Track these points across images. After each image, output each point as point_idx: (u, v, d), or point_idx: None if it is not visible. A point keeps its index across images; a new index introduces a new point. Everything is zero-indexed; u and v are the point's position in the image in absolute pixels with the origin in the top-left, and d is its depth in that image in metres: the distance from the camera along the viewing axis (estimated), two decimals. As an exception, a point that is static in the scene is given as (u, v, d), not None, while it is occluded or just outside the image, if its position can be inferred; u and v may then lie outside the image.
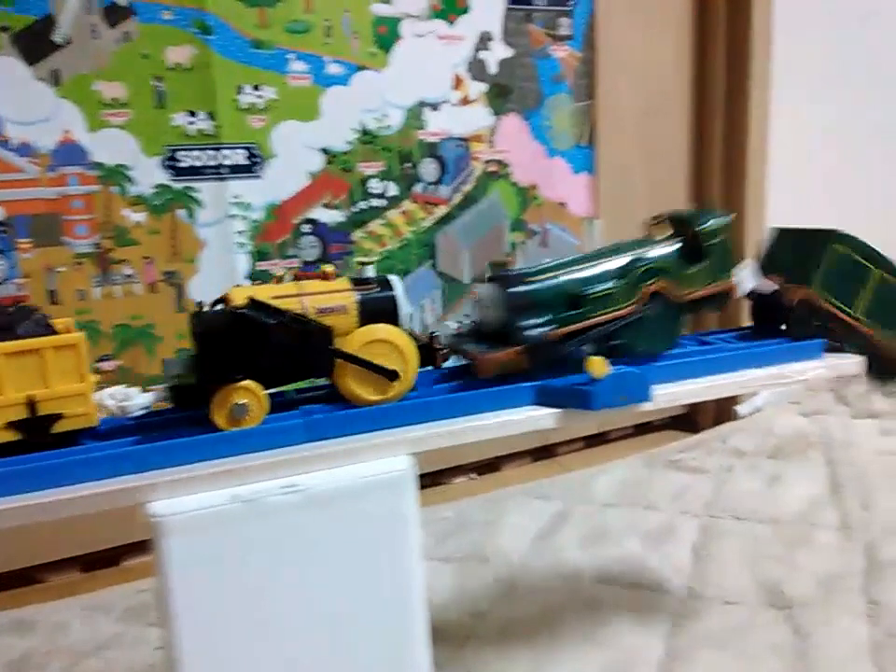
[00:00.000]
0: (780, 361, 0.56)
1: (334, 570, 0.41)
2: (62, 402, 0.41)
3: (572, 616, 0.75)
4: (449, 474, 1.12)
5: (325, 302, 0.46)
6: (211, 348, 0.43)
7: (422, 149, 0.99)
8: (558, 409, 0.48)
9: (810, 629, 0.71)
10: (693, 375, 0.52)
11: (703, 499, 0.98)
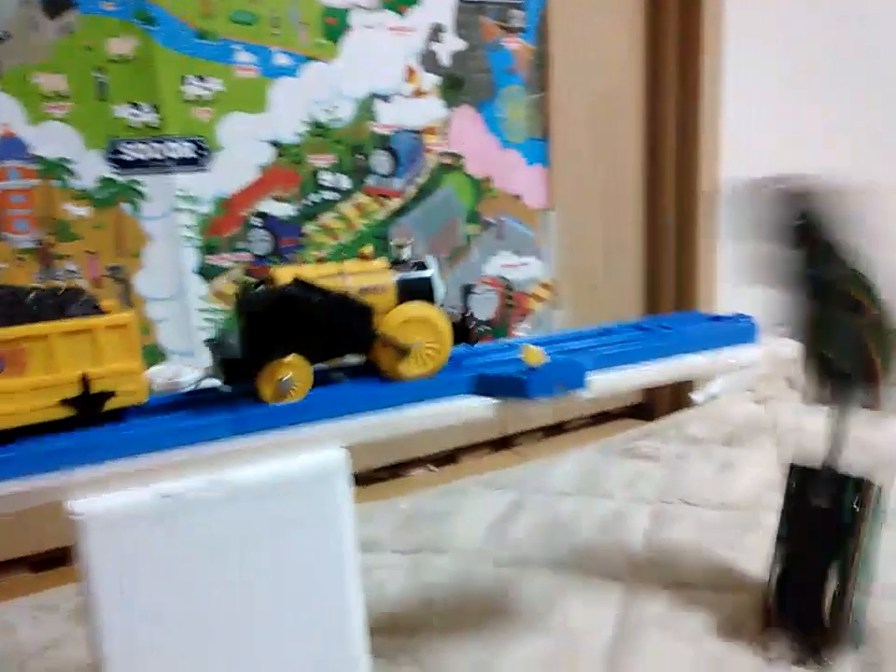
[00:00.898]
0: (718, 346, 0.56)
1: (264, 567, 0.41)
2: (114, 380, 0.43)
3: (524, 604, 0.76)
4: (407, 466, 1.12)
5: (366, 282, 0.49)
6: (259, 325, 0.45)
7: (374, 142, 0.99)
8: (494, 398, 0.48)
9: (750, 610, 0.72)
10: (629, 362, 0.53)
11: (656, 486, 0.99)
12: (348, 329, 0.48)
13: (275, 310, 0.45)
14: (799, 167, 1.38)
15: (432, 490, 1.02)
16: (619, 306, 1.24)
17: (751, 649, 0.66)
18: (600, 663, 0.66)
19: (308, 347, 0.47)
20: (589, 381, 0.49)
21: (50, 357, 0.41)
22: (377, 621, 0.74)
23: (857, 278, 0.58)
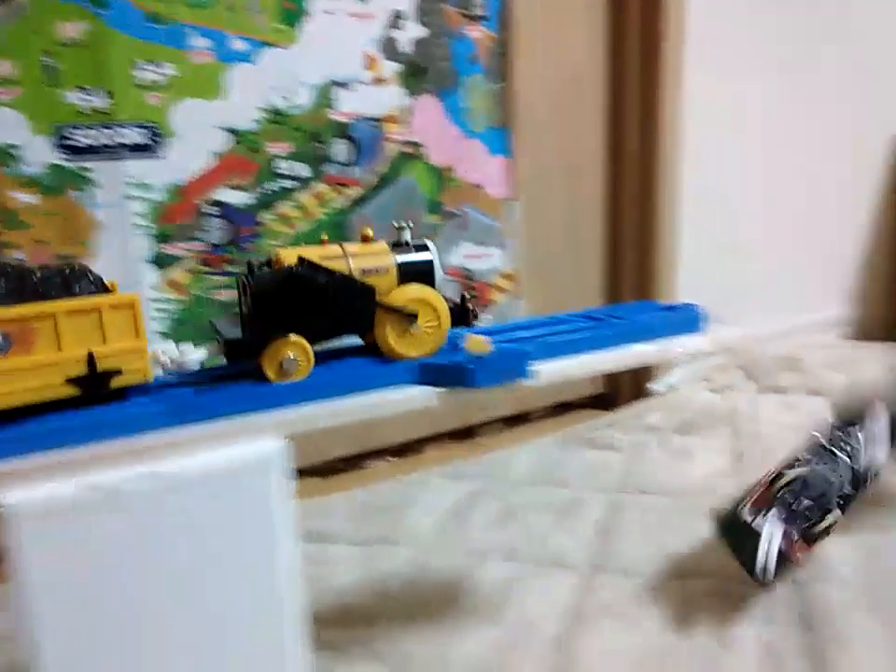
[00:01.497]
0: (664, 335, 0.57)
1: (197, 559, 0.40)
2: (119, 358, 0.43)
3: (479, 594, 0.76)
4: (367, 457, 1.12)
5: (368, 263, 0.50)
6: (265, 305, 0.46)
7: (333, 130, 0.98)
8: (440, 388, 0.48)
9: (701, 595, 0.73)
10: (575, 351, 0.53)
11: (613, 476, 1.00)
12: (351, 309, 0.49)
13: (282, 290, 0.47)
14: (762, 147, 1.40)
15: (391, 481, 1.02)
16: (581, 296, 1.25)
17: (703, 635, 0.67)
18: (553, 651, 0.67)
19: (311, 327, 0.48)
20: (535, 370, 0.49)
21: (57, 336, 0.41)
22: (332, 613, 0.74)
23: None
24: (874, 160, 1.56)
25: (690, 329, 0.58)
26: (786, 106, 1.40)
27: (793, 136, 1.43)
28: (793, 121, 1.42)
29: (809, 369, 1.30)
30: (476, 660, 0.66)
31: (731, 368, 1.33)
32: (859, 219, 1.58)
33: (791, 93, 1.41)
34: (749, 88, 1.35)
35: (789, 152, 1.43)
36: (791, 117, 1.41)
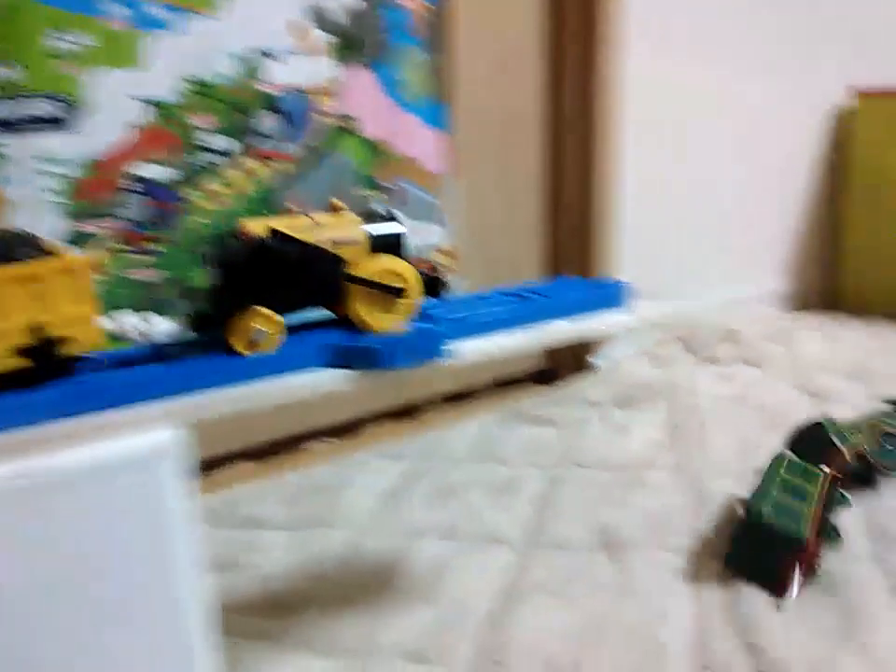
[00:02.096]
0: (586, 311, 0.56)
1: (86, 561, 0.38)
2: (68, 326, 0.41)
3: (413, 574, 0.76)
4: (304, 439, 1.10)
5: (338, 234, 0.49)
6: (233, 276, 0.46)
7: (261, 102, 0.94)
8: (349, 370, 0.47)
9: (634, 566, 0.74)
10: (493, 329, 0.52)
11: (552, 451, 1.00)
12: (321, 280, 0.48)
13: (251, 261, 0.46)
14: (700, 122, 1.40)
15: (327, 463, 1.01)
16: (521, 272, 1.25)
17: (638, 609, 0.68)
18: (484, 630, 0.67)
19: (281, 298, 0.47)
20: (450, 350, 0.48)
21: (0, 305, 0.39)
22: (261, 601, 0.73)
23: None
24: (810, 134, 1.58)
25: (614, 304, 0.58)
26: (724, 81, 1.41)
27: (731, 111, 1.44)
28: (731, 96, 1.43)
29: (747, 341, 1.32)
30: (408, 642, 0.66)
31: (671, 341, 1.35)
32: (796, 192, 1.61)
33: (728, 68, 1.41)
34: (687, 62, 1.35)
35: (726, 127, 1.43)
36: (729, 92, 1.42)
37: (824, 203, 1.64)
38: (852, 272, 1.62)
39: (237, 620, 0.70)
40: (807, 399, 1.13)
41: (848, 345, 1.34)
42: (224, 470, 1.03)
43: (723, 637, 0.64)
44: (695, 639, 0.64)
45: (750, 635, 0.64)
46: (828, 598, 0.68)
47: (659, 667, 0.61)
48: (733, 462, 0.94)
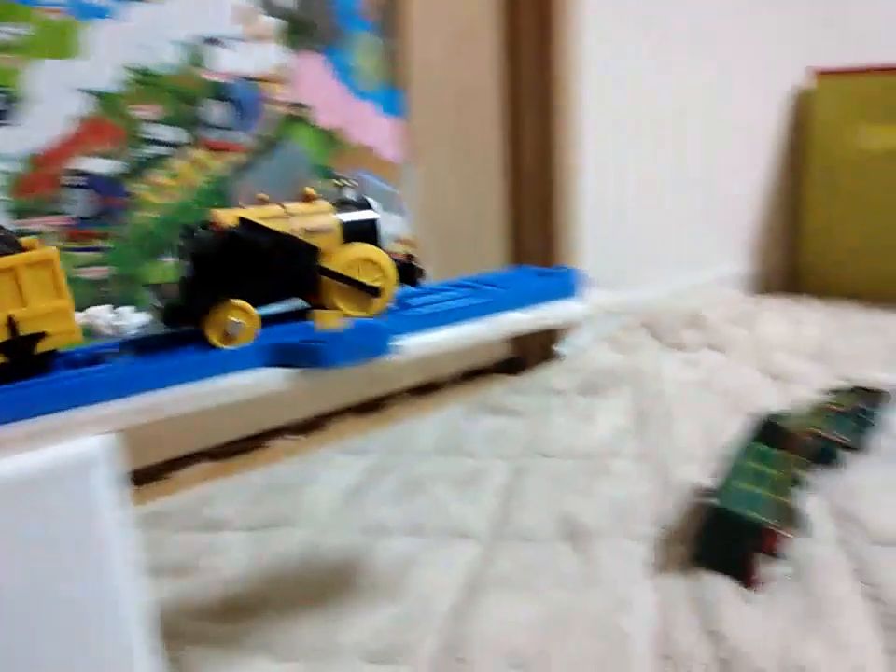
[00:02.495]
0: (539, 301, 0.55)
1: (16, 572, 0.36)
2: (43, 321, 0.40)
3: (376, 572, 0.74)
4: (267, 437, 1.08)
5: (311, 223, 0.48)
6: (205, 268, 0.45)
7: (208, 91, 0.91)
8: (290, 369, 0.45)
9: (598, 556, 0.73)
10: (442, 323, 0.50)
11: (516, 441, 0.99)
12: (295, 270, 0.47)
13: (223, 252, 0.45)
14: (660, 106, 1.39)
15: (289, 461, 0.99)
16: (483, 261, 1.23)
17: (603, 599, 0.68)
18: (448, 626, 0.66)
19: (255, 290, 0.46)
20: (397, 345, 0.47)
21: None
22: (218, 605, 0.71)
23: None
24: (771, 116, 1.59)
25: (567, 293, 0.56)
26: (683, 62, 1.40)
27: (691, 92, 1.43)
28: (691, 77, 1.42)
29: (711, 325, 1.32)
30: (369, 642, 0.64)
31: (636, 327, 1.34)
32: (758, 175, 1.61)
33: (688, 49, 1.41)
34: (646, 43, 1.34)
35: (687, 109, 1.43)
36: (688, 72, 1.41)
37: (785, 184, 1.65)
38: (811, 253, 1.63)
39: (193, 624, 0.68)
40: (771, 381, 1.14)
41: (810, 327, 1.35)
42: (184, 472, 1.01)
43: (686, 626, 0.63)
44: (658, 629, 0.64)
45: (713, 623, 0.63)
46: (792, 583, 0.68)
47: (621, 658, 0.61)
48: (698, 448, 0.94)
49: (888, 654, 0.59)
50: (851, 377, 1.07)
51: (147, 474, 0.99)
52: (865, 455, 0.89)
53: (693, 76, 1.42)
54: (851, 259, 1.55)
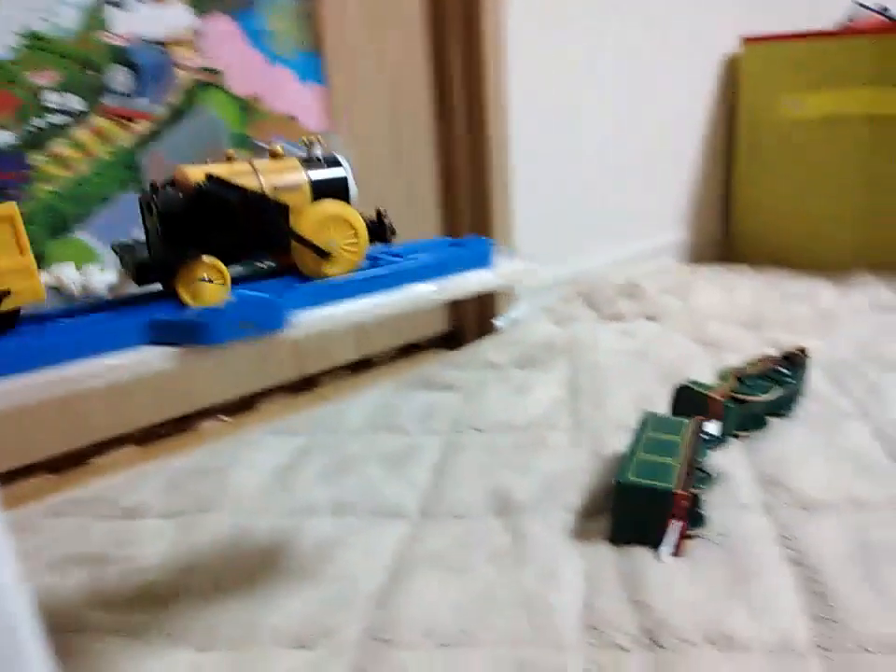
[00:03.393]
0: (448, 272, 0.53)
1: None
2: (6, 278, 0.39)
3: (299, 555, 0.72)
4: (196, 419, 1.04)
5: (280, 180, 0.48)
6: (173, 225, 0.44)
7: (110, 55, 0.85)
8: (173, 347, 0.42)
9: (527, 530, 0.72)
10: (340, 297, 0.48)
11: (450, 416, 0.98)
12: (265, 227, 0.47)
13: (191, 208, 0.44)
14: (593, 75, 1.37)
15: (216, 443, 0.95)
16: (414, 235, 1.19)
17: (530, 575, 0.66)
18: (373, 608, 0.64)
19: (224, 247, 0.45)
20: (289, 321, 0.44)
21: None
22: (135, 595, 0.67)
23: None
24: (704, 84, 1.58)
25: (478, 264, 0.54)
26: (614, 33, 1.38)
27: (623, 63, 1.41)
28: (623, 47, 1.40)
29: (647, 295, 1.32)
30: (290, 628, 0.62)
31: (573, 298, 1.33)
32: (692, 144, 1.61)
33: (619, 20, 1.38)
34: (575, 14, 1.31)
35: (620, 80, 1.41)
36: (620, 42, 1.39)
37: (718, 153, 1.65)
38: (743, 221, 1.65)
39: (109, 615, 0.65)
40: (704, 350, 1.14)
41: (743, 295, 1.36)
42: (107, 457, 0.97)
43: (611, 597, 0.63)
44: (585, 601, 0.63)
45: (639, 592, 0.63)
46: (716, 550, 0.68)
47: (548, 632, 0.60)
48: (631, 418, 0.93)
49: (811, 619, 0.59)
50: (781, 343, 1.08)
51: (67, 460, 0.94)
52: (790, 420, 0.90)
53: (624, 45, 1.40)
54: (781, 227, 1.56)
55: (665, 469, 0.68)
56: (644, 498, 0.66)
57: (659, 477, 0.67)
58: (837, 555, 0.66)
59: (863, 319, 1.21)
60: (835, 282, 1.37)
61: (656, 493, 0.66)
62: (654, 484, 0.66)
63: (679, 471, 0.68)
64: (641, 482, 0.67)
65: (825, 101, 1.43)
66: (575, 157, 1.36)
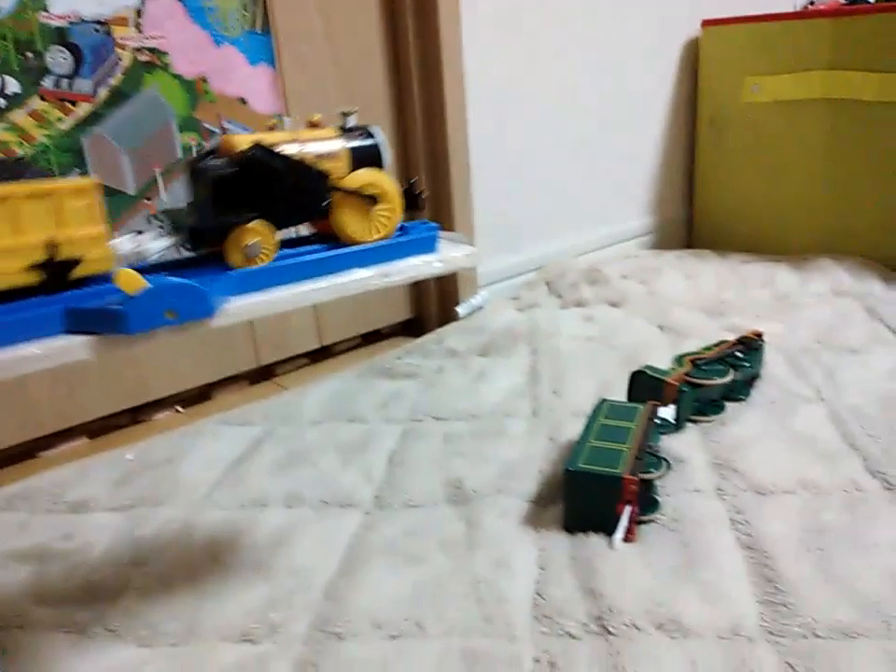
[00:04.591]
0: (390, 258, 0.51)
1: None
2: (79, 246, 0.42)
3: (249, 548, 0.70)
4: (151, 410, 1.02)
5: (321, 148, 0.51)
6: (223, 191, 0.46)
7: (47, 35, 0.82)
8: (92, 336, 0.40)
9: (481, 519, 0.71)
10: (274, 283, 0.46)
11: (408, 405, 0.96)
12: (307, 193, 0.49)
13: (240, 175, 0.46)
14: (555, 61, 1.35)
15: (167, 435, 0.93)
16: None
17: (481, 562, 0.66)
18: (322, 601, 0.62)
19: (270, 212, 0.48)
20: (218, 308, 0.42)
21: (16, 220, 0.40)
22: (77, 591, 0.66)
23: None
24: (667, 69, 1.57)
25: (421, 250, 0.53)
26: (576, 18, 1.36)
27: (585, 48, 1.40)
28: (584, 32, 1.39)
29: (609, 281, 1.31)
30: (235, 623, 0.61)
31: (537, 285, 1.33)
32: (654, 130, 1.60)
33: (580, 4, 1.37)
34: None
35: (581, 65, 1.40)
36: (581, 27, 1.38)
37: (681, 138, 1.65)
38: (705, 206, 1.64)
39: (51, 611, 0.63)
40: (666, 335, 1.14)
41: (704, 280, 1.36)
42: (56, 450, 0.94)
43: (563, 585, 0.62)
44: (537, 589, 0.62)
45: (589, 580, 0.62)
46: (669, 535, 0.68)
47: (498, 621, 0.59)
48: (591, 405, 0.92)
49: (762, 604, 0.59)
50: (742, 329, 1.08)
51: (15, 454, 0.92)
52: (747, 405, 0.90)
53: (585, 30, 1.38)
54: (744, 212, 1.56)
55: (615, 455, 0.68)
56: (594, 485, 0.66)
57: (609, 463, 0.66)
58: (789, 540, 0.66)
59: (823, 304, 1.21)
60: (797, 267, 1.38)
61: (605, 479, 0.65)
62: (602, 471, 0.65)
63: (629, 457, 0.67)
64: (590, 468, 0.66)
65: (785, 84, 1.43)
66: (537, 143, 1.35)
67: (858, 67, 1.33)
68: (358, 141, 0.53)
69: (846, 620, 0.57)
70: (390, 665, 0.56)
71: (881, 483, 0.73)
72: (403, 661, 0.56)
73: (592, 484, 0.66)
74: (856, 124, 1.36)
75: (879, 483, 0.74)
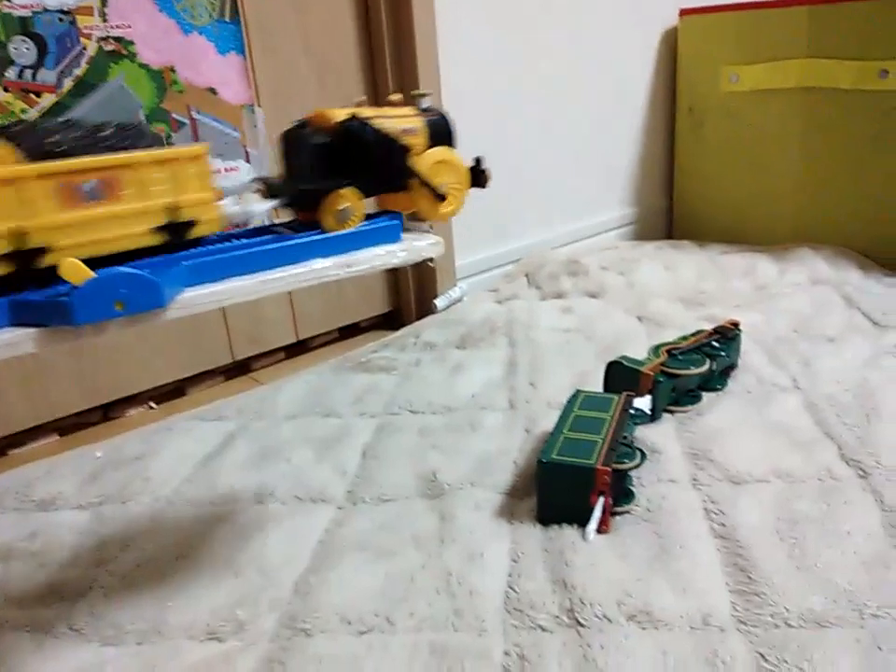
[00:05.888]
0: (352, 248, 0.50)
1: None
2: (195, 209, 0.44)
3: (219, 544, 0.69)
4: (123, 406, 1.00)
5: (404, 124, 0.54)
6: (321, 158, 0.50)
7: (10, 26, 0.80)
8: (37, 328, 0.39)
9: (455, 512, 0.71)
10: (228, 273, 0.45)
11: (384, 398, 0.95)
12: (392, 165, 0.53)
13: (337, 143, 0.50)
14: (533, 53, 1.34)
15: (137, 431, 0.92)
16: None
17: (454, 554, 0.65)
18: (291, 597, 0.61)
19: (361, 180, 0.51)
20: (170, 299, 0.41)
21: (142, 186, 0.42)
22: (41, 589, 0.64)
23: None
24: (645, 59, 1.56)
25: (384, 239, 0.52)
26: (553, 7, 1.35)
27: (564, 39, 1.39)
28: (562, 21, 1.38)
29: (589, 272, 1.31)
30: (203, 618, 0.60)
31: (516, 276, 1.32)
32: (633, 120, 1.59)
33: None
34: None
35: (559, 54, 1.39)
36: (559, 16, 1.37)
37: (661, 128, 1.64)
38: (685, 197, 1.64)
39: (13, 611, 0.62)
40: (645, 326, 1.13)
41: (683, 271, 1.35)
42: (26, 448, 0.93)
43: (535, 577, 0.62)
44: (509, 582, 0.62)
45: (562, 572, 0.62)
46: (643, 525, 0.67)
47: (469, 615, 0.58)
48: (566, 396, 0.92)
49: (734, 594, 0.59)
50: (719, 319, 1.08)
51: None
52: (723, 394, 0.90)
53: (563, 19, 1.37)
54: (723, 202, 1.56)
55: (589, 446, 0.67)
56: (567, 477, 0.65)
57: (582, 455, 0.66)
58: (763, 529, 0.66)
59: (801, 294, 1.21)
60: (776, 257, 1.38)
61: (577, 470, 0.65)
62: (575, 462, 0.65)
63: (603, 448, 0.67)
64: (563, 460, 0.65)
65: (763, 73, 1.43)
66: (515, 134, 1.34)
67: (835, 56, 1.32)
68: (434, 120, 0.57)
69: (818, 608, 0.57)
70: (359, 661, 0.55)
71: (855, 471, 0.73)
72: (372, 656, 0.55)
73: (565, 476, 0.65)
74: (833, 112, 1.36)
75: (854, 470, 0.73)
